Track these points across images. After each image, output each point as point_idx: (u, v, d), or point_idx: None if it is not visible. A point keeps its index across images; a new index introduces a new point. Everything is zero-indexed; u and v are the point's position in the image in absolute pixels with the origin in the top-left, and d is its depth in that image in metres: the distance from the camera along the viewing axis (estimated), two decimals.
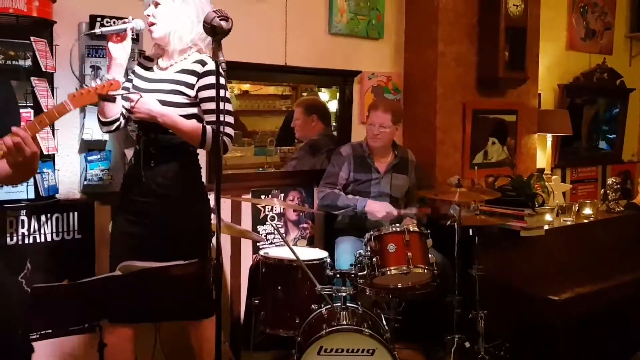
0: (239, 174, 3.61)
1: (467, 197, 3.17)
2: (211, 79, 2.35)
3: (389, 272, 2.80)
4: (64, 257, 2.73)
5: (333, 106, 4.05)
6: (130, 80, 2.49)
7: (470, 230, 3.15)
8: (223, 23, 1.99)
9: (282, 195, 3.59)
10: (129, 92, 2.38)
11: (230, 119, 2.36)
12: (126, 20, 2.34)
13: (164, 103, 2.33)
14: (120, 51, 2.32)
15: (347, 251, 3.20)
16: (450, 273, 3.09)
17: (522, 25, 4.03)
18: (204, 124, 2.36)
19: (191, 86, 2.36)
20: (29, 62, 2.60)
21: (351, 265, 2.97)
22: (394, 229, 2.90)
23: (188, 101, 2.37)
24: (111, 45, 2.32)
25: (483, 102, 4.08)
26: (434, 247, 3.17)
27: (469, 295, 3.07)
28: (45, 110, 2.54)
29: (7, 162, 1.83)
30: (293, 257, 2.73)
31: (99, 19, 2.79)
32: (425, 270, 2.84)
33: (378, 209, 3.24)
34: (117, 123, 2.43)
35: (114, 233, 2.49)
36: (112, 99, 2.09)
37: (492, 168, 4.05)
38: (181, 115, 2.34)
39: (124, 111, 2.44)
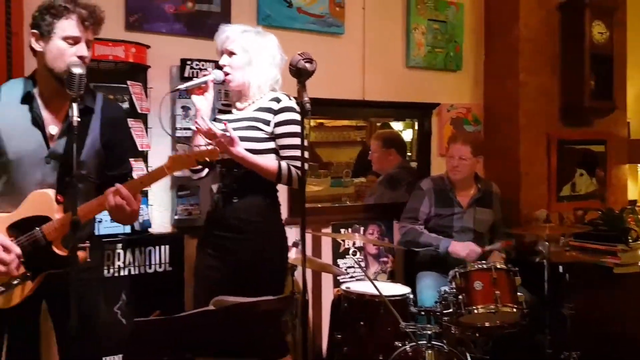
0: (318, 207, 3.65)
1: (556, 231, 3.06)
2: (286, 116, 2.42)
3: (475, 311, 2.72)
4: (155, 289, 2.84)
5: (407, 136, 4.05)
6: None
7: (560, 267, 3.03)
8: (308, 65, 2.06)
9: (362, 228, 3.59)
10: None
11: (306, 154, 2.38)
12: (206, 72, 2.45)
13: (242, 138, 2.38)
14: (204, 103, 2.42)
15: (430, 287, 3.14)
16: (540, 312, 2.97)
17: (607, 52, 3.93)
18: (279, 160, 2.41)
19: (267, 122, 2.42)
20: (126, 105, 2.76)
21: (435, 302, 2.91)
22: (480, 265, 2.83)
23: (265, 136, 2.43)
24: (194, 98, 2.43)
25: (568, 133, 3.96)
26: (522, 284, 3.06)
27: (560, 335, 2.95)
28: (140, 149, 2.71)
29: (110, 215, 1.97)
30: (375, 292, 2.71)
31: (188, 62, 2.95)
32: (514, 309, 2.75)
33: (461, 249, 3.17)
34: (207, 169, 2.50)
35: (198, 268, 2.56)
36: (209, 166, 2.15)
37: (581, 201, 3.91)
38: (258, 150, 2.40)
39: None
